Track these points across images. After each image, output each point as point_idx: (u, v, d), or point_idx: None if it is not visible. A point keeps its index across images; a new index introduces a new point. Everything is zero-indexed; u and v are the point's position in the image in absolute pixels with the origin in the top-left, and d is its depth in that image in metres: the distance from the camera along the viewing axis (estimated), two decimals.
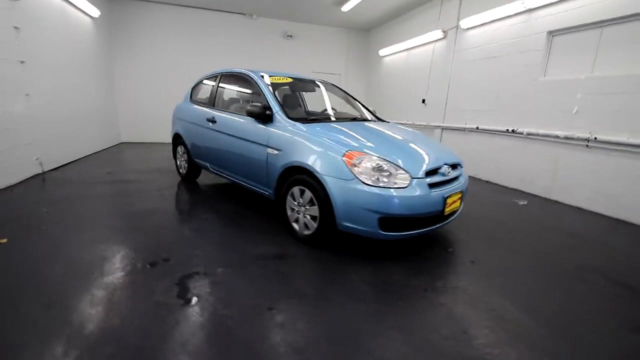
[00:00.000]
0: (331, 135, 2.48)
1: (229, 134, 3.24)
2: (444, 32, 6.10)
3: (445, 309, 1.82)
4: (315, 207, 2.39)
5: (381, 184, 2.15)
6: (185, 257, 2.25)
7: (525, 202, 4.09)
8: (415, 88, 7.12)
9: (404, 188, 2.16)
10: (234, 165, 3.27)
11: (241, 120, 3.13)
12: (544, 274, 2.30)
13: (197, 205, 3.42)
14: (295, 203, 2.57)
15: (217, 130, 3.42)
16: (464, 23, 5.53)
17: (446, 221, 2.51)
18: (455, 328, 1.65)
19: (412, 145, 2.62)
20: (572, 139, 3.96)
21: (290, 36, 8.48)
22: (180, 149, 4.34)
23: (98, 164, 5.28)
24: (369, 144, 2.42)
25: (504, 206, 3.95)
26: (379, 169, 2.18)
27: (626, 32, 3.50)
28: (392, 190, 2.14)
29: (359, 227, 2.21)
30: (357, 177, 2.17)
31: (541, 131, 4.34)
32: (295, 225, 2.62)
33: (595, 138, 3.70)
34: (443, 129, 6.27)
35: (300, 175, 2.49)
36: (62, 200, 3.34)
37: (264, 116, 2.80)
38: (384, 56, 8.35)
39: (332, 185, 2.24)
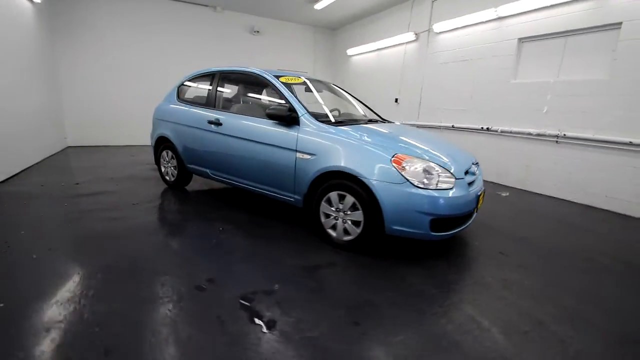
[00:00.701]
0: (370, 138, 2.46)
1: (241, 138, 3.01)
2: (416, 34, 6.40)
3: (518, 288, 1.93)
4: (359, 212, 2.35)
5: (431, 186, 2.19)
6: (228, 276, 2.06)
7: (507, 194, 4.51)
8: (387, 87, 7.37)
9: (450, 189, 2.23)
10: (248, 171, 3.04)
11: (258, 123, 2.93)
12: (556, 256, 2.57)
13: (204, 217, 3.12)
14: (333, 209, 2.49)
15: (223, 134, 3.15)
16: (437, 27, 5.86)
17: (472, 218, 2.65)
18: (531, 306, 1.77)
19: (444, 146, 2.72)
20: (543, 135, 4.46)
21: (258, 32, 8.15)
22: (166, 154, 3.91)
23: (56, 173, 4.52)
24: (410, 146, 2.45)
25: (490, 198, 4.30)
26: (428, 172, 2.22)
27: (587, 42, 4.04)
28: (441, 191, 2.19)
29: (410, 230, 2.23)
30: (408, 181, 2.18)
31: (514, 129, 4.81)
32: (332, 232, 2.55)
33: (564, 135, 4.22)
34: (418, 127, 6.60)
35: (338, 180, 2.42)
36: (37, 221, 2.79)
37: (289, 119, 2.66)
38: (352, 55, 8.48)
39: (381, 189, 2.22)
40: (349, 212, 2.42)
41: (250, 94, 3.68)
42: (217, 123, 3.19)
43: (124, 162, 5.55)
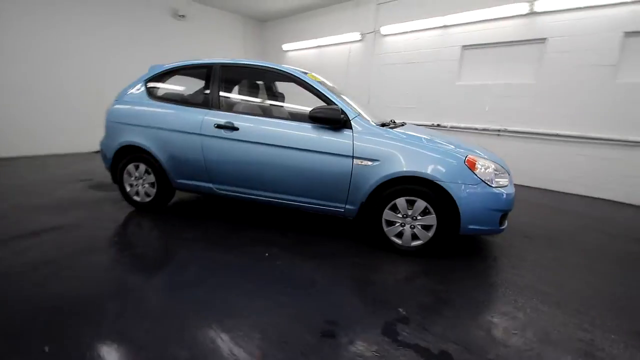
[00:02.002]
0: (429, 141, 2.44)
1: (270, 145, 2.55)
2: (361, 34, 6.63)
3: None
4: (431, 216, 2.32)
5: (498, 185, 2.33)
6: (337, 310, 1.75)
7: None
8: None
9: (508, 186, 2.43)
10: (280, 183, 2.61)
11: (294, 127, 2.55)
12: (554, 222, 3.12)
13: (232, 243, 2.54)
14: (400, 215, 2.39)
15: (240, 140, 2.61)
16: (384, 30, 6.20)
17: None
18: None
19: (476, 145, 2.90)
20: (487, 130, 5.28)
21: (183, 16, 7.01)
22: (134, 168, 3.02)
23: None
24: (465, 147, 2.52)
25: None
26: (496, 171, 2.35)
27: (519, 52, 4.93)
28: (504, 188, 2.36)
29: (483, 227, 2.33)
30: (483, 181, 2.26)
31: (462, 124, 5.55)
32: (396, 239, 2.44)
33: (505, 129, 5.10)
34: None
35: (406, 186, 2.33)
36: None
37: (340, 122, 2.40)
38: (289, 51, 8.21)
39: (459, 191, 2.24)
40: (419, 217, 2.37)
41: (270, 93, 3.16)
42: (231, 127, 2.63)
43: (53, 178, 4.08)
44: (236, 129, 2.62)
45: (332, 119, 2.38)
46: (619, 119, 4.18)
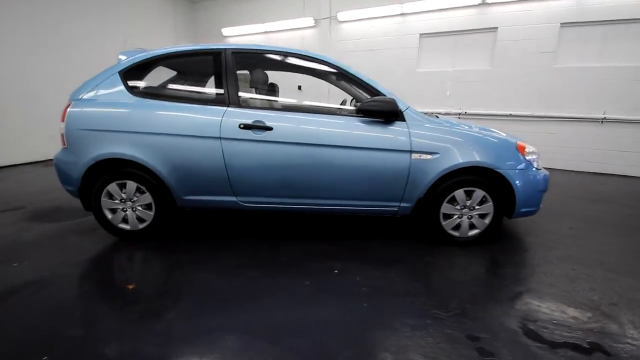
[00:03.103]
0: (478, 129, 2.41)
1: (315, 145, 2.18)
2: (315, 20, 6.34)
3: None
4: (489, 204, 2.32)
5: (540, 167, 2.45)
6: (474, 320, 1.60)
7: None
8: (284, 73, 6.98)
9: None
10: (326, 187, 2.27)
11: (342, 122, 2.24)
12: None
13: (281, 263, 2.11)
14: (457, 207, 2.33)
15: (276, 142, 2.17)
16: (341, 16, 6.03)
17: None
18: None
19: None
20: (449, 114, 5.66)
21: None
22: (126, 188, 2.28)
23: None
24: (500, 132, 2.56)
25: None
26: (538, 154, 2.45)
27: (474, 40, 5.34)
28: (543, 170, 2.50)
29: (531, 209, 2.42)
30: (531, 165, 2.34)
31: (426, 109, 5.81)
32: (454, 232, 2.39)
33: (465, 112, 5.53)
34: None
35: (465, 177, 2.27)
36: None
37: (397, 114, 2.18)
38: (230, 37, 7.39)
39: (515, 177, 2.27)
40: (476, 207, 2.35)
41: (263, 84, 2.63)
42: (262, 127, 2.16)
43: None
44: (269, 128, 2.16)
45: (388, 112, 2.15)
46: (558, 98, 4.91)
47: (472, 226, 2.39)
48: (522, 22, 4.89)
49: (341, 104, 3.67)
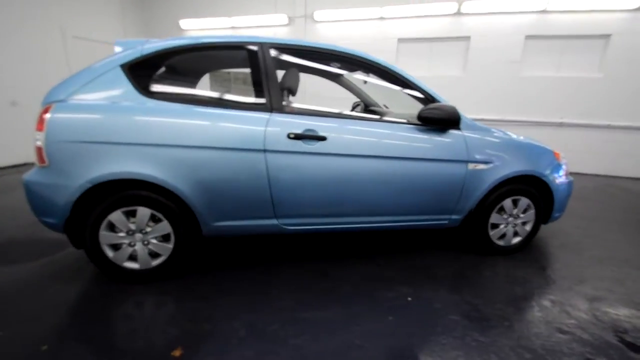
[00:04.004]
0: (516, 136, 2.40)
1: (373, 156, 1.94)
2: (289, 18, 5.99)
3: None
4: (531, 212, 2.34)
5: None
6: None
7: None
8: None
9: None
10: (380, 203, 2.04)
11: (401, 132, 2.04)
12: None
13: (344, 292, 1.81)
14: (505, 217, 2.29)
15: (332, 154, 1.87)
16: (318, 15, 5.79)
17: None
18: None
19: None
20: None
21: None
22: (136, 216, 1.75)
23: None
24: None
25: None
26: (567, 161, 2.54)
27: (448, 47, 5.55)
28: None
29: (560, 214, 2.50)
30: (564, 172, 2.41)
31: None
32: (499, 242, 2.36)
33: None
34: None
35: (513, 186, 2.23)
36: None
37: (458, 123, 2.05)
38: (190, 30, 6.62)
39: (554, 184, 2.32)
40: (521, 215, 2.34)
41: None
42: (314, 137, 1.84)
43: None
44: (322, 138, 1.86)
45: (450, 120, 2.02)
46: (524, 104, 5.36)
47: (515, 234, 2.39)
48: (492, 32, 5.23)
49: (354, 108, 3.48)
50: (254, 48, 1.92)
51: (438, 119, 2.00)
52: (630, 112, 4.92)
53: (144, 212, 1.76)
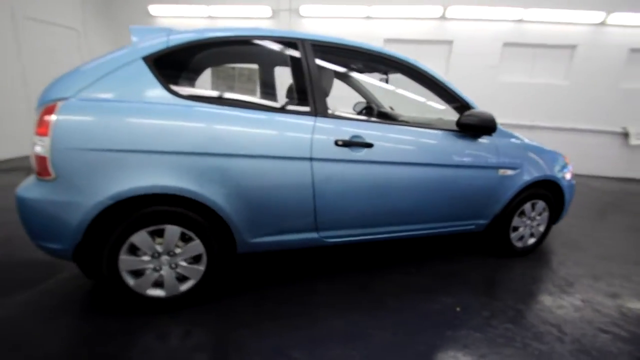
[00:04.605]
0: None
1: (417, 164, 1.88)
2: (273, 11, 5.72)
3: None
4: (546, 214, 2.44)
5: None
6: None
7: None
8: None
9: None
10: (418, 211, 1.99)
11: (441, 138, 2.01)
12: None
13: (389, 307, 1.72)
14: (525, 219, 2.37)
15: (378, 162, 1.77)
16: (303, 10, 5.60)
17: None
18: None
19: None
20: None
21: None
22: (164, 235, 1.50)
23: None
24: None
25: None
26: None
27: (433, 50, 5.68)
28: None
29: (565, 214, 2.66)
30: (571, 174, 2.55)
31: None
32: (518, 244, 2.43)
33: None
34: None
35: (532, 190, 2.31)
36: None
37: (492, 130, 2.04)
38: (159, 17, 6.03)
39: (566, 187, 2.45)
40: (537, 218, 2.43)
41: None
42: (361, 144, 1.71)
43: None
44: (369, 145, 1.74)
45: (488, 127, 2.00)
46: (500, 107, 5.66)
47: (531, 236, 2.49)
48: (474, 38, 5.45)
49: (361, 110, 3.38)
50: (293, 43, 1.74)
51: (477, 126, 1.99)
52: (590, 117, 5.44)
53: (173, 231, 1.52)
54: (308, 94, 1.71)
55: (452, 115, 2.19)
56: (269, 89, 2.38)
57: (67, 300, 1.71)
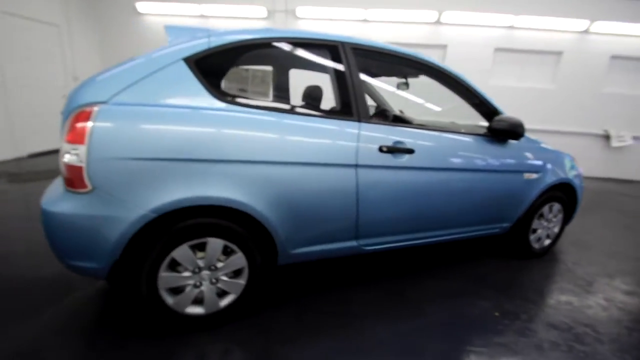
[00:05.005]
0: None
1: (454, 169, 1.89)
2: (269, 12, 5.61)
3: None
4: (560, 216, 2.52)
5: None
6: None
7: None
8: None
9: None
10: (453, 216, 2.00)
11: (475, 143, 2.03)
12: None
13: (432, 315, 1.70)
14: (543, 222, 2.43)
15: (418, 168, 1.75)
16: (300, 11, 5.52)
17: None
18: None
19: None
20: None
21: None
22: (206, 249, 1.41)
23: None
24: None
25: None
26: None
27: (427, 54, 5.75)
28: None
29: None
30: (581, 176, 2.64)
31: None
32: (535, 245, 2.49)
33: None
34: None
35: (549, 193, 2.37)
36: None
37: (521, 135, 2.06)
38: (147, 14, 5.76)
39: (579, 189, 2.53)
40: (553, 219, 2.50)
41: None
42: (402, 150, 1.68)
43: None
44: (410, 151, 1.72)
45: (517, 132, 2.03)
46: None
47: (547, 237, 2.55)
48: (467, 43, 5.59)
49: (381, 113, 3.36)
50: (334, 46, 1.68)
51: (507, 131, 2.01)
52: (575, 120, 5.72)
53: (216, 244, 1.42)
54: (351, 100, 1.66)
55: (466, 119, 2.23)
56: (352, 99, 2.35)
57: (93, 321, 1.57)
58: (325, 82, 2.25)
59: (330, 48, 1.69)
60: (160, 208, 1.27)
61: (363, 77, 1.78)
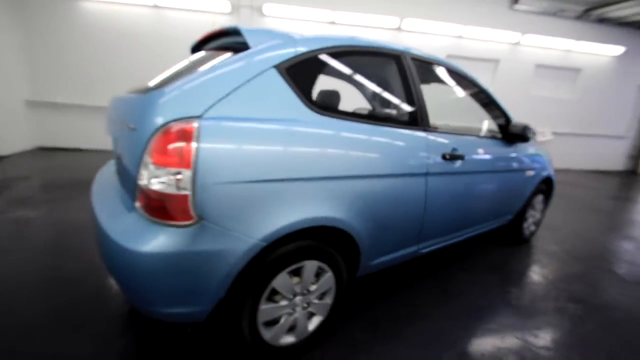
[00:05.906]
0: None
1: (487, 172, 2.09)
2: (233, 7, 5.26)
3: None
4: (542, 205, 2.95)
5: None
6: None
7: None
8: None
9: None
10: (480, 214, 2.20)
11: (500, 146, 2.25)
12: None
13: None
14: (531, 211, 2.81)
15: (467, 172, 1.87)
16: (266, 9, 5.31)
17: None
18: None
19: None
20: None
21: None
22: (302, 273, 1.32)
23: None
24: None
25: None
26: None
27: None
28: None
29: None
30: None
31: None
32: (526, 231, 2.86)
33: None
34: None
35: (540, 185, 2.76)
36: None
37: (528, 137, 2.33)
38: (82, 2, 4.90)
39: (554, 181, 2.98)
40: (538, 208, 2.90)
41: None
42: (456, 157, 1.78)
43: None
44: (461, 157, 1.83)
45: (527, 136, 2.29)
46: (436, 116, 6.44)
47: (535, 224, 2.96)
48: (423, 49, 6.03)
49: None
50: (398, 56, 1.70)
51: (520, 135, 2.26)
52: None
53: (311, 266, 1.34)
54: (417, 108, 1.71)
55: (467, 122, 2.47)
56: (385, 102, 2.32)
57: None
58: (345, 88, 2.24)
59: (397, 58, 1.71)
60: (269, 236, 1.15)
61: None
